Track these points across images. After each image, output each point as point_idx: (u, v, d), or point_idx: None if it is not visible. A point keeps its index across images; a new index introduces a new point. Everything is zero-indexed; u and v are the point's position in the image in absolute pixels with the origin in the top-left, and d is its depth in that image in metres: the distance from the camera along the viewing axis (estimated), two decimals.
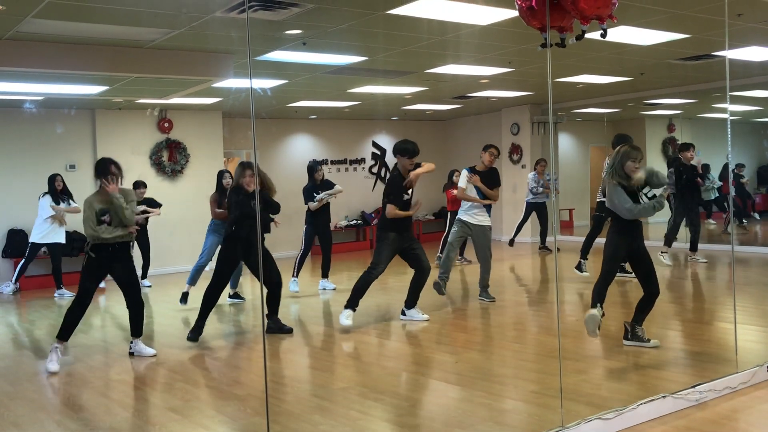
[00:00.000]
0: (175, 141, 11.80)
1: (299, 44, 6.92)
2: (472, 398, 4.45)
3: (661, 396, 4.04)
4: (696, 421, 3.89)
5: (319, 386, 4.92)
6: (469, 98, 11.97)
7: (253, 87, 9.52)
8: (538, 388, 4.53)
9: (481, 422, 4.01)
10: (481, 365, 5.22)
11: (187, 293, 8.00)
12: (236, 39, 6.65)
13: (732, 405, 4.14)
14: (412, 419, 4.19)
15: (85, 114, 11.11)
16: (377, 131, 15.00)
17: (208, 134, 12.16)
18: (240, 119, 12.67)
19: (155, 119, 11.66)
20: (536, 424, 3.84)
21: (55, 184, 9.15)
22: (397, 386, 4.88)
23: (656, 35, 7.28)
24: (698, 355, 5.21)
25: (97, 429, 4.20)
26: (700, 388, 4.20)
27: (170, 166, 11.73)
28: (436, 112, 14.29)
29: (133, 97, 9.79)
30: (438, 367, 5.23)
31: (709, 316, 6.83)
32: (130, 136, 11.45)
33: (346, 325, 6.47)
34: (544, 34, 3.75)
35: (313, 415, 4.25)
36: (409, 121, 15.30)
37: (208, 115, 12.14)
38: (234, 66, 7.52)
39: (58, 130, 10.80)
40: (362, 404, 4.44)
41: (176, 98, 9.65)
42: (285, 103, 11.38)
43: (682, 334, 6.03)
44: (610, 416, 3.79)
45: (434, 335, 6.33)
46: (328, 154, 14.29)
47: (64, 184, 9.25)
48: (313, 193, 8.57)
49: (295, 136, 13.93)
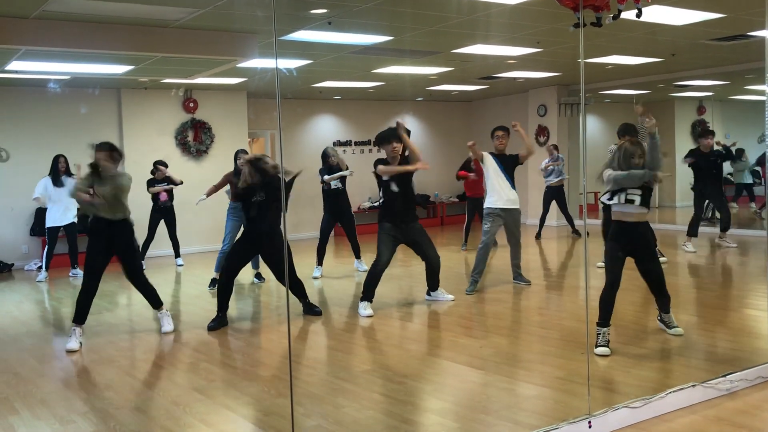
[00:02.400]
0: (200, 121, 11.81)
1: (324, 24, 6.85)
2: (497, 383, 4.40)
3: (691, 385, 3.96)
4: (726, 410, 3.81)
5: (342, 368, 4.90)
6: (496, 79, 11.82)
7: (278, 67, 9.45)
8: (565, 374, 4.47)
9: (506, 408, 3.96)
10: (506, 350, 5.17)
11: (215, 279, 8.05)
12: (261, 18, 6.59)
13: (764, 395, 4.05)
14: (435, 403, 4.16)
15: (110, 93, 11.16)
16: (402, 112, 14.89)
17: (232, 114, 12.16)
18: (265, 99, 12.64)
19: (180, 99, 11.68)
20: (562, 411, 3.79)
21: (59, 166, 9.11)
22: (420, 370, 4.84)
23: (691, 15, 7.08)
24: (729, 344, 5.10)
25: (122, 407, 4.23)
26: (731, 378, 4.11)
27: (195, 146, 11.76)
28: (461, 93, 14.14)
29: (158, 76, 9.79)
30: (462, 351, 5.18)
31: (741, 303, 6.69)
32: (156, 116, 11.49)
33: (365, 315, 6.40)
34: (577, 14, 3.64)
35: (337, 397, 4.24)
36: (435, 102, 15.16)
37: (233, 96, 12.13)
38: (259, 46, 7.47)
39: (82, 110, 10.85)
40: (386, 387, 4.41)
41: (201, 78, 9.63)
42: (310, 83, 11.32)
43: (713, 322, 5.91)
44: (638, 405, 3.72)
45: (459, 318, 6.28)
46: (353, 135, 14.22)
47: (68, 166, 9.16)
48: (323, 176, 8.56)
49: (320, 116, 13.88)
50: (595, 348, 4.83)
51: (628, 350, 4.97)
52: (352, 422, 3.83)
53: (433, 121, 15.12)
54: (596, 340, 4.87)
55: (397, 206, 6.47)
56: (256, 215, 6.21)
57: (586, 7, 3.60)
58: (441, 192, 15.13)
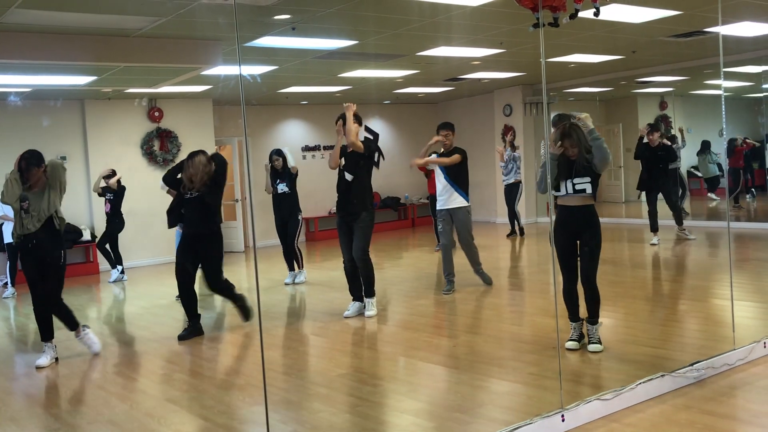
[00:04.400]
0: (165, 130, 11.70)
1: (288, 29, 6.84)
2: (471, 381, 4.44)
3: (660, 375, 4.03)
4: (695, 398, 3.89)
5: (317, 373, 4.90)
6: (461, 80, 11.91)
7: (242, 74, 9.43)
8: (537, 370, 4.53)
9: (481, 405, 4.01)
10: (479, 348, 5.21)
11: None
12: (224, 25, 6.56)
13: (730, 382, 4.15)
14: (411, 404, 4.18)
15: (74, 105, 11.00)
16: (369, 116, 14.91)
17: (198, 123, 12.07)
18: (230, 107, 12.58)
19: (145, 109, 11.56)
20: (536, 406, 3.84)
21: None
22: (395, 371, 4.87)
23: (648, 12, 7.22)
24: (696, 333, 5.21)
25: (95, 422, 4.18)
26: (699, 366, 4.20)
27: (161, 155, 11.65)
28: (428, 95, 14.21)
29: (122, 86, 9.69)
30: (436, 351, 5.22)
31: (706, 293, 6.84)
32: (121, 126, 11.35)
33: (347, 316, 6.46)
34: (536, 14, 3.70)
35: (313, 402, 4.24)
36: (401, 105, 15.22)
37: (199, 104, 12.04)
38: (223, 53, 7.44)
39: (45, 123, 10.66)
40: (361, 390, 4.43)
41: (166, 87, 9.55)
42: (275, 89, 11.29)
43: (680, 312, 6.03)
44: (609, 396, 3.78)
45: (431, 319, 6.32)
46: (320, 139, 14.20)
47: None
48: (270, 178, 8.38)
49: (287, 122, 13.84)
50: (566, 342, 4.90)
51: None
52: (329, 427, 3.84)
53: (401, 124, 15.17)
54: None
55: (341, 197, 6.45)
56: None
57: (544, 8, 3.66)
58: (411, 194, 15.19)
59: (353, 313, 6.46)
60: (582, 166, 4.72)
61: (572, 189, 4.73)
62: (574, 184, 4.72)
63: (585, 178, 4.72)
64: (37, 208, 5.34)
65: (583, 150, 4.73)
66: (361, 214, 6.35)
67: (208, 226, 6.15)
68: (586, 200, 4.77)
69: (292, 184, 8.36)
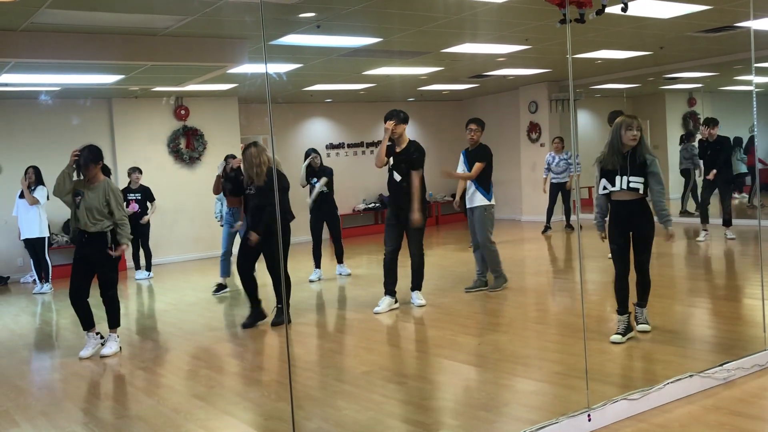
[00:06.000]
0: (192, 128, 11.81)
1: (313, 27, 6.86)
2: (496, 380, 4.42)
3: (688, 375, 3.98)
4: (724, 399, 3.83)
5: (341, 370, 4.91)
6: (486, 77, 11.84)
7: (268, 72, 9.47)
8: (563, 369, 4.49)
9: (506, 404, 3.98)
10: (504, 347, 5.18)
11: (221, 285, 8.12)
12: (250, 24, 6.60)
13: (761, 383, 4.07)
14: (436, 402, 4.18)
15: (101, 103, 11.15)
16: None
17: (224, 121, 12.16)
18: (256, 105, 12.64)
19: (172, 107, 11.68)
20: (562, 405, 3.81)
21: (25, 178, 8.98)
22: (420, 369, 4.86)
23: (677, 7, 7.12)
24: (726, 333, 5.13)
25: (123, 417, 4.23)
26: (728, 367, 4.13)
27: (188, 153, 11.75)
28: (452, 92, 14.16)
29: (149, 85, 9.79)
30: (461, 349, 5.20)
31: (737, 292, 6.73)
32: (147, 124, 11.48)
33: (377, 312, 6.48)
34: (562, 10, 3.66)
35: (337, 399, 4.25)
36: (426, 102, 15.18)
37: (224, 102, 12.13)
38: (249, 51, 7.48)
39: (74, 121, 10.83)
40: (386, 388, 4.43)
41: (192, 85, 9.64)
42: (300, 87, 11.33)
43: (709, 312, 5.94)
44: (637, 396, 3.74)
45: (456, 317, 6.30)
46: (345, 137, 14.23)
47: (37, 176, 9.00)
48: (307, 177, 8.51)
49: (312, 120, 13.89)
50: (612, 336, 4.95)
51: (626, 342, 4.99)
52: (353, 423, 3.84)
53: (425, 122, 15.13)
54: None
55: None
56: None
57: (570, 4, 3.62)
58: (435, 192, 15.14)
59: (384, 309, 6.49)
60: (638, 165, 4.80)
61: (627, 185, 4.83)
62: (629, 181, 4.82)
63: (639, 177, 4.81)
64: (91, 203, 5.46)
65: (643, 148, 4.82)
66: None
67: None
68: (638, 194, 4.87)
69: (331, 185, 8.56)
